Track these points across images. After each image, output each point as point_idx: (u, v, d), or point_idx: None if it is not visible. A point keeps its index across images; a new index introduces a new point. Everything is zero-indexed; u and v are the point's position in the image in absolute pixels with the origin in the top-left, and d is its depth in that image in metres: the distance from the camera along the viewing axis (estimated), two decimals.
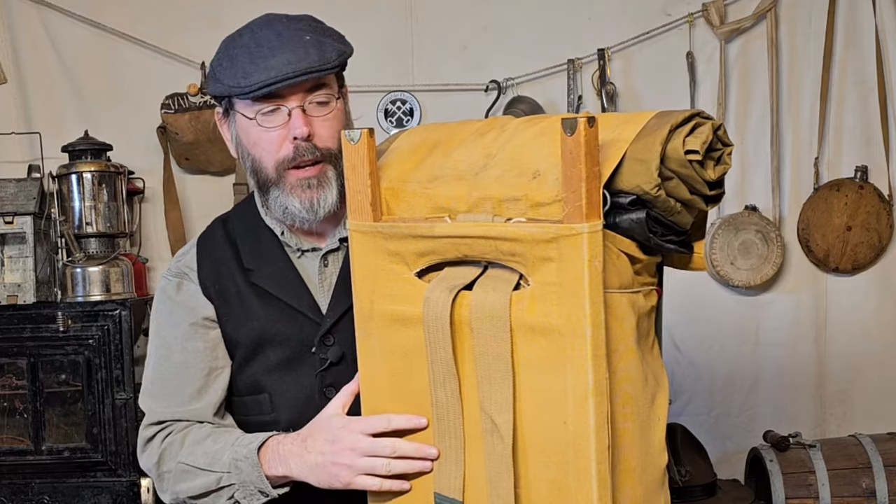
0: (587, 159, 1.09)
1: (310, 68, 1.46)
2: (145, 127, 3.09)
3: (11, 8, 3.13)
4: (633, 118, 1.21)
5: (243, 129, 1.52)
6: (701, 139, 1.17)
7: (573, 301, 1.13)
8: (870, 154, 3.19)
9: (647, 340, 1.27)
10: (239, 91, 1.47)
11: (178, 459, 1.51)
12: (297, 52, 1.47)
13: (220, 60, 1.55)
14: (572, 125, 1.09)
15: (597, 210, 1.12)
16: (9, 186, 2.87)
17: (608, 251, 1.16)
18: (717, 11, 3.12)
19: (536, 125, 1.27)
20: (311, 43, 1.49)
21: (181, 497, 1.52)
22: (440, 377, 1.24)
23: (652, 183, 1.15)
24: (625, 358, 1.20)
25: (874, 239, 3.18)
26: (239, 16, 3.31)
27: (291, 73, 1.45)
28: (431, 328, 1.23)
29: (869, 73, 3.16)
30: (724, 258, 3.14)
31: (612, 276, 1.17)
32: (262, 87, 1.45)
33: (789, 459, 2.91)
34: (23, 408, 2.74)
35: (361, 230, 1.31)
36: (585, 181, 1.10)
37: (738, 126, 3.20)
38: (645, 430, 1.24)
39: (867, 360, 3.23)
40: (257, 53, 1.49)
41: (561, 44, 3.15)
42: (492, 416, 1.20)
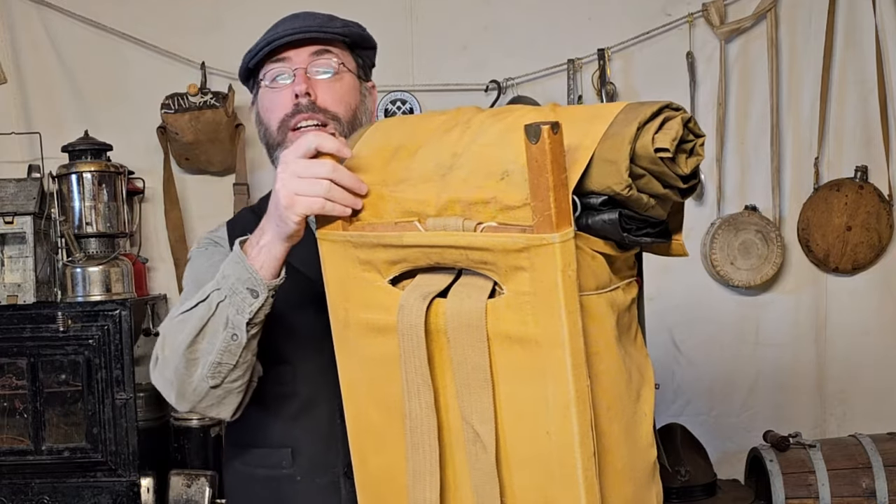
0: (553, 167, 1.06)
1: (309, 27, 1.57)
2: (145, 127, 3.09)
3: (11, 8, 3.13)
4: (602, 112, 1.18)
5: (261, 101, 1.62)
6: (671, 135, 1.15)
7: (549, 311, 1.10)
8: (870, 154, 3.19)
9: (628, 334, 1.26)
10: (249, 57, 1.60)
11: (169, 319, 1.48)
12: (303, 22, 1.60)
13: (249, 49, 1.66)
14: (536, 132, 1.05)
15: (567, 218, 1.09)
16: (9, 186, 2.87)
17: (582, 253, 1.14)
18: (717, 11, 3.12)
19: (502, 121, 1.23)
20: (321, 16, 1.62)
21: (178, 342, 1.43)
22: (414, 387, 1.20)
23: (623, 184, 1.12)
24: (606, 359, 1.18)
25: (874, 239, 3.18)
26: (239, 16, 3.35)
27: (290, 30, 1.57)
28: (406, 337, 1.20)
29: (869, 73, 3.16)
30: (724, 258, 3.14)
31: (589, 279, 1.15)
32: (265, 45, 1.57)
33: (789, 459, 2.91)
34: (23, 408, 2.74)
35: (330, 239, 1.28)
36: (553, 190, 1.06)
37: (738, 126, 3.20)
38: (631, 428, 1.23)
39: (867, 360, 3.23)
40: (271, 28, 1.63)
41: (561, 44, 3.15)
42: (473, 426, 1.17)
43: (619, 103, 1.20)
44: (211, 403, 1.42)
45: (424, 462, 1.21)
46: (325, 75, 1.58)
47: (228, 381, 1.38)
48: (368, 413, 1.29)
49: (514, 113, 1.24)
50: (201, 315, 1.37)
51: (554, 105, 1.26)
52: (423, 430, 1.21)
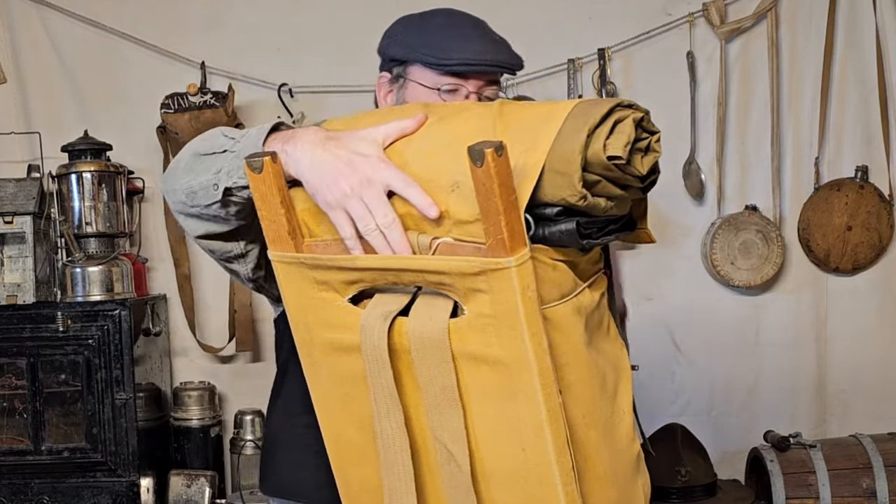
0: (501, 191, 1.02)
1: (502, 62, 1.59)
2: (145, 127, 3.09)
3: (11, 8, 3.13)
4: (551, 115, 1.13)
5: (415, 96, 1.58)
6: (623, 140, 1.10)
7: (512, 334, 1.08)
8: (870, 154, 3.18)
9: (600, 331, 1.24)
10: (434, 61, 1.55)
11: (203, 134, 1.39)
12: (493, 45, 1.60)
13: (409, 30, 1.62)
14: (479, 156, 1.00)
15: (521, 239, 1.05)
16: (8, 186, 2.87)
17: (542, 265, 1.11)
18: (717, 11, 3.12)
19: (448, 125, 1.18)
20: (501, 43, 1.63)
21: (189, 152, 1.35)
22: (384, 408, 1.17)
23: (577, 196, 1.09)
24: (576, 369, 1.16)
25: (874, 239, 3.18)
26: (239, 15, 3.35)
27: (490, 60, 1.57)
28: (370, 358, 1.16)
29: (869, 73, 3.16)
30: (725, 258, 3.13)
31: (551, 290, 1.13)
32: (461, 63, 1.55)
33: (790, 459, 2.91)
34: (22, 408, 2.74)
35: (284, 261, 1.21)
36: (503, 213, 1.03)
37: (739, 126, 3.20)
38: (609, 430, 1.22)
39: (867, 360, 3.22)
40: (454, 35, 1.60)
41: (561, 44, 3.15)
42: (446, 446, 1.15)
43: (569, 102, 1.15)
44: (177, 210, 1.36)
45: (400, 482, 1.19)
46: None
47: (196, 210, 1.32)
48: (345, 429, 1.26)
49: (459, 116, 1.20)
50: (221, 144, 1.30)
51: (501, 104, 1.20)
52: (395, 450, 1.18)
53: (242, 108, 3.12)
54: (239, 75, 3.13)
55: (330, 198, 1.15)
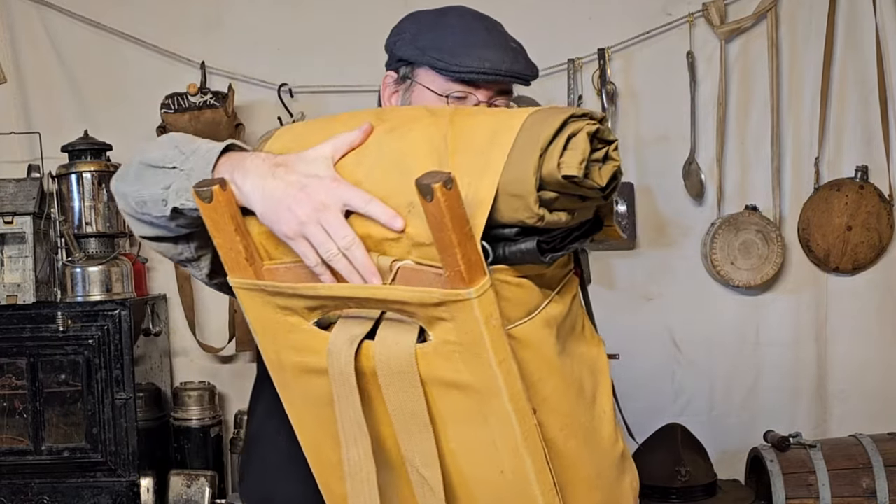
0: (454, 224, 0.99)
1: (517, 72, 1.52)
2: (145, 127, 3.08)
3: (11, 8, 3.13)
4: (503, 130, 1.09)
5: (422, 100, 1.52)
6: (577, 157, 1.06)
7: (479, 361, 1.06)
8: (870, 154, 3.18)
9: (573, 334, 1.23)
10: (444, 66, 1.48)
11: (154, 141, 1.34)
12: (507, 53, 1.52)
13: (420, 30, 1.54)
14: (428, 191, 0.97)
15: (479, 269, 1.03)
16: (8, 186, 2.87)
17: (506, 285, 1.09)
18: (717, 11, 3.12)
19: (399, 139, 1.14)
20: (518, 51, 1.55)
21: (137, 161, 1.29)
22: (351, 436, 1.15)
23: (534, 217, 1.06)
24: (550, 383, 1.15)
25: (874, 239, 3.18)
26: (239, 15, 3.34)
27: (504, 70, 1.49)
28: (338, 383, 1.13)
29: (869, 73, 3.16)
30: (725, 258, 3.13)
31: (518, 308, 1.11)
32: (473, 73, 1.47)
33: (790, 459, 2.91)
34: (22, 408, 2.74)
35: (244, 287, 1.18)
36: (459, 246, 1.00)
37: (739, 126, 3.20)
38: (591, 435, 1.22)
39: (867, 360, 3.22)
40: (468, 40, 1.50)
41: (561, 44, 3.15)
42: (418, 470, 1.14)
43: (521, 113, 1.11)
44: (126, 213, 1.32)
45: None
46: None
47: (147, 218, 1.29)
48: (324, 447, 1.24)
49: (409, 127, 1.15)
50: (170, 158, 1.24)
51: (453, 114, 1.16)
52: (361, 478, 1.16)
53: (242, 108, 3.12)
54: (239, 75, 3.13)
55: (286, 228, 1.12)
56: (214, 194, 1.12)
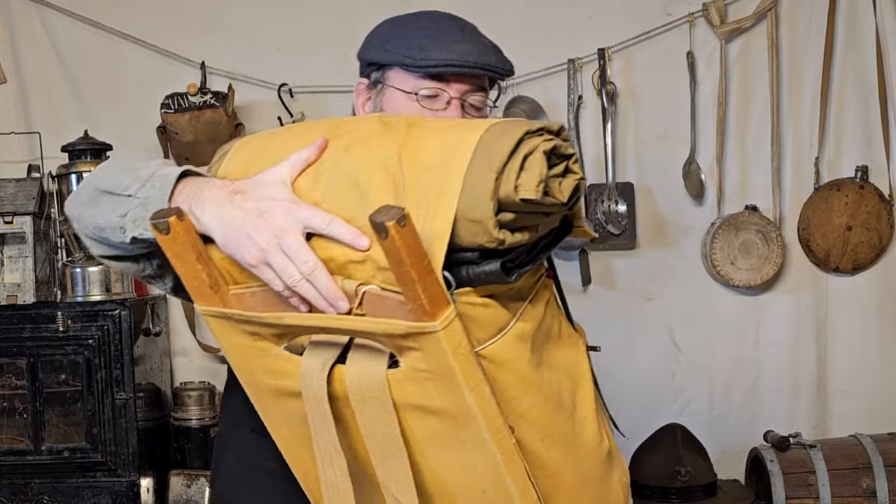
0: (412, 259, 0.97)
1: (489, 65, 1.45)
2: (145, 127, 3.09)
3: (11, 8, 3.13)
4: (457, 148, 1.06)
5: (392, 104, 1.46)
6: (535, 178, 1.03)
7: (450, 389, 1.05)
8: (870, 154, 3.18)
9: (549, 340, 1.21)
10: (411, 62, 1.43)
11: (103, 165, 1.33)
12: (479, 47, 1.46)
13: (389, 33, 1.50)
14: (382, 229, 0.96)
15: (442, 301, 1.01)
16: (8, 186, 2.87)
17: (472, 307, 1.08)
18: (717, 11, 3.12)
19: (354, 156, 1.11)
20: (490, 45, 1.49)
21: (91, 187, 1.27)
22: (327, 456, 1.13)
23: (494, 241, 1.04)
24: (527, 398, 1.14)
25: (874, 239, 3.18)
26: (239, 16, 3.34)
27: (473, 62, 1.43)
28: (311, 406, 1.12)
29: (869, 73, 3.16)
30: (725, 258, 3.13)
31: (487, 329, 1.10)
32: (441, 65, 1.42)
33: (790, 459, 2.91)
34: (22, 408, 2.74)
35: (212, 314, 1.16)
36: (419, 281, 0.99)
37: (739, 126, 3.20)
38: (573, 441, 1.21)
39: (867, 360, 3.22)
40: (437, 36, 1.45)
41: (561, 44, 3.15)
42: (394, 494, 1.12)
43: (477, 129, 1.07)
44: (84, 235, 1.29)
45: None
46: (475, 112, 1.48)
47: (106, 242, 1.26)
48: (308, 465, 1.22)
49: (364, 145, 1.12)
50: (126, 185, 1.22)
51: (409, 128, 1.12)
52: (340, 498, 1.15)
53: (242, 108, 3.12)
54: (239, 75, 3.13)
55: (248, 257, 1.10)
56: (172, 226, 1.09)
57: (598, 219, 3.12)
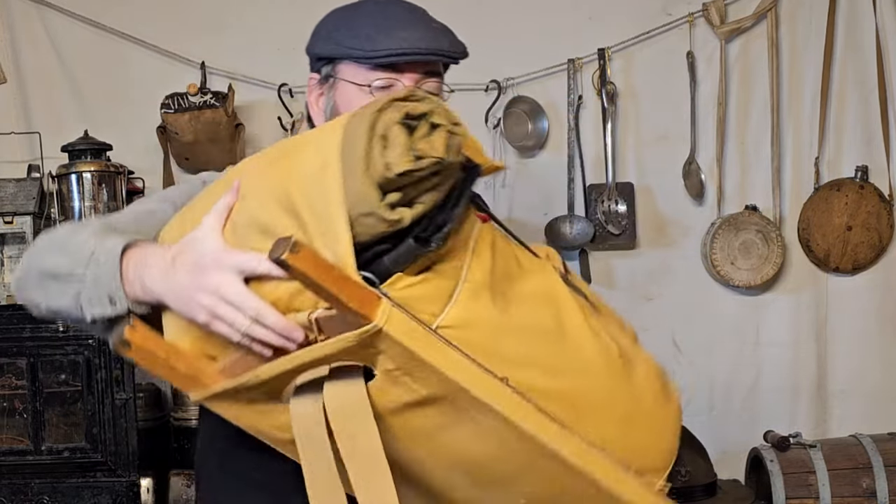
0: (323, 277, 0.98)
1: (441, 49, 1.42)
2: (145, 127, 3.09)
3: (11, 8, 3.13)
4: (327, 149, 1.07)
5: (345, 97, 1.43)
6: (399, 151, 1.05)
7: (426, 374, 1.06)
8: (870, 154, 3.18)
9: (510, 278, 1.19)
10: (361, 54, 1.40)
11: (49, 236, 1.35)
12: (428, 31, 1.43)
13: (337, 23, 1.47)
14: (282, 263, 0.97)
15: (372, 300, 1.02)
16: (8, 186, 2.87)
17: (410, 289, 1.08)
18: (717, 11, 3.12)
19: (258, 204, 1.13)
20: (441, 29, 1.46)
21: (33, 268, 1.31)
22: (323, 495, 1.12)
23: (394, 223, 1.05)
24: (508, 341, 1.14)
25: (875, 239, 3.18)
26: (239, 16, 3.34)
27: (425, 48, 1.39)
28: (304, 445, 1.12)
29: (869, 73, 3.16)
30: (725, 258, 3.13)
31: (435, 301, 1.10)
32: (391, 55, 1.38)
33: (790, 459, 2.91)
34: (22, 408, 2.74)
35: (205, 399, 1.19)
36: (341, 293, 0.99)
37: (739, 126, 3.20)
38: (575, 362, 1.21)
39: (867, 360, 3.22)
40: (384, 24, 1.41)
41: (561, 44, 3.15)
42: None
43: (334, 133, 1.08)
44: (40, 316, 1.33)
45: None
46: None
47: (63, 319, 1.32)
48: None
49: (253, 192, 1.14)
50: (69, 265, 1.24)
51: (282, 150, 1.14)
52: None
53: (242, 108, 3.12)
54: (239, 75, 3.13)
55: (200, 317, 1.12)
56: (130, 341, 1.12)
57: (598, 219, 3.12)
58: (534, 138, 3.17)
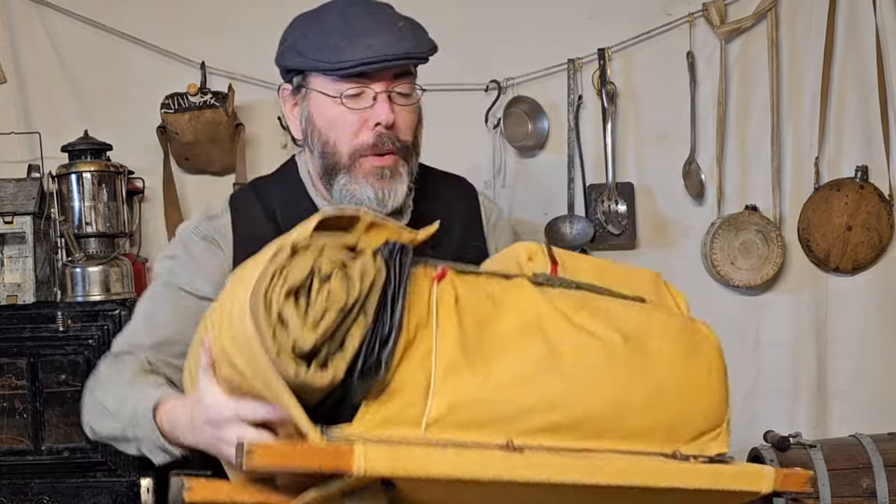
0: (288, 462, 1.01)
1: (408, 53, 1.41)
2: (145, 127, 3.09)
3: (11, 8, 3.13)
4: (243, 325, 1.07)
5: (318, 108, 1.46)
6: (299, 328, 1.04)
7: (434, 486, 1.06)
8: (870, 154, 3.18)
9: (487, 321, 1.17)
10: (328, 67, 1.41)
11: (96, 396, 1.48)
12: (393, 34, 1.41)
13: (303, 33, 1.48)
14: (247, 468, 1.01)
15: (344, 452, 1.01)
16: (8, 186, 2.87)
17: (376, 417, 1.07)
18: (717, 11, 3.12)
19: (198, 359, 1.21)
20: (407, 28, 1.44)
21: (98, 434, 1.50)
22: None
23: (332, 383, 1.05)
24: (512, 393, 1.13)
25: (875, 239, 3.18)
26: (239, 16, 3.34)
27: (392, 55, 1.39)
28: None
29: (869, 73, 3.16)
30: (725, 258, 3.13)
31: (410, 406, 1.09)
32: (358, 65, 1.38)
33: (790, 459, 2.90)
34: (22, 408, 2.74)
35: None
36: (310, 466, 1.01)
37: (739, 126, 3.20)
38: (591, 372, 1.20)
39: (868, 360, 3.22)
40: (349, 32, 1.41)
41: (561, 44, 3.15)
42: None
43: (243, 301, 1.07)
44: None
45: None
46: (403, 100, 1.45)
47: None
48: None
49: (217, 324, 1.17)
50: (114, 429, 1.41)
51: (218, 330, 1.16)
52: None
53: (242, 108, 3.12)
54: (239, 75, 3.13)
55: (234, 461, 1.12)
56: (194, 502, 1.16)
57: (598, 219, 3.12)
58: (534, 138, 3.17)
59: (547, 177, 3.20)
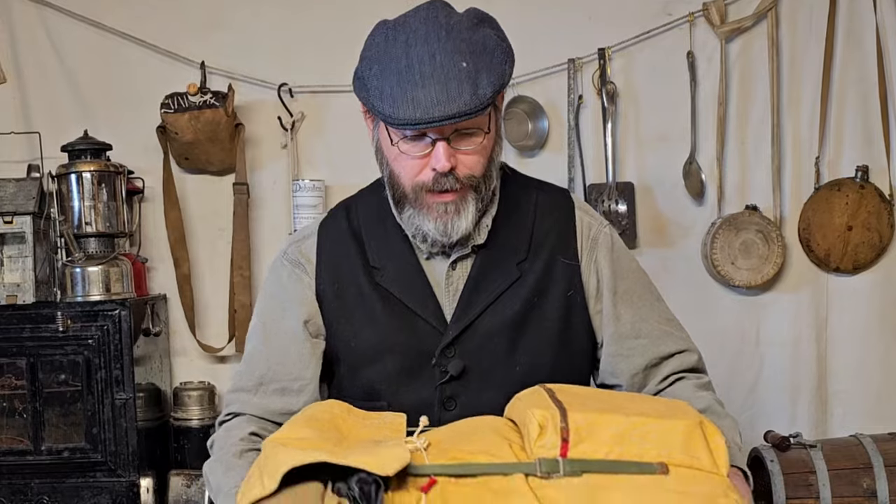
0: None
1: (458, 112, 1.37)
2: (145, 127, 3.09)
3: (11, 8, 3.13)
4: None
5: (384, 140, 1.49)
6: None
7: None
8: (870, 154, 3.18)
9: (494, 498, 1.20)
10: (383, 118, 1.42)
11: (211, 464, 1.54)
12: (448, 86, 1.37)
13: (371, 64, 1.45)
14: None
15: None
16: (8, 186, 2.87)
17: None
18: (717, 11, 3.11)
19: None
20: (466, 74, 1.38)
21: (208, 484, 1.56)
22: None
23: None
24: None
25: (875, 239, 3.18)
26: (239, 16, 3.34)
27: (439, 116, 1.37)
28: None
29: (870, 73, 3.16)
30: (725, 258, 3.13)
31: None
32: (407, 124, 1.39)
33: (790, 459, 2.90)
34: (22, 408, 2.74)
35: None
36: None
37: (739, 126, 3.20)
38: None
39: (868, 360, 3.22)
40: (407, 77, 1.38)
41: (561, 44, 3.15)
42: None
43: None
44: None
45: None
46: (466, 142, 1.45)
47: None
48: None
49: None
50: (215, 496, 1.47)
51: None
52: None
53: (242, 108, 3.12)
54: (239, 75, 3.13)
55: None
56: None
57: None
58: (534, 138, 3.17)
59: (547, 176, 3.16)
